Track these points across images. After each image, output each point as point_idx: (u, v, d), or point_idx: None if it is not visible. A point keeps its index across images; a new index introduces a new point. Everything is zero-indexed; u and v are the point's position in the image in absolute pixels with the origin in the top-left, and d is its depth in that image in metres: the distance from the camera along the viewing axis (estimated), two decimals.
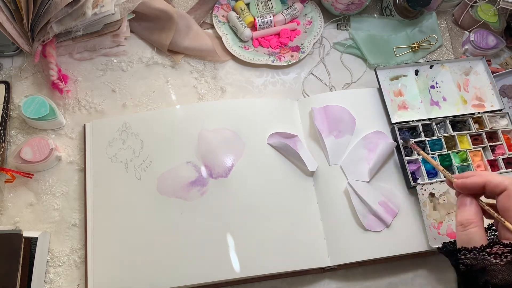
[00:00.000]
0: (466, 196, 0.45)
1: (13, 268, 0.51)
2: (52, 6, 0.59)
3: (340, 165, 0.62)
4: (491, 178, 0.44)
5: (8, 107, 0.65)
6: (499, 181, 0.43)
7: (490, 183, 0.43)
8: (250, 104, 0.65)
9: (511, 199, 0.42)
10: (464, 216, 0.44)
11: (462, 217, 0.44)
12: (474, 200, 0.45)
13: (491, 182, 0.43)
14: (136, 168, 0.61)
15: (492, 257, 0.41)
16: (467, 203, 0.45)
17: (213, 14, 0.76)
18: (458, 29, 0.80)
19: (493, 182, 0.43)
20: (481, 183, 0.44)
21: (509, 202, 0.42)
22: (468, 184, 0.45)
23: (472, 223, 0.43)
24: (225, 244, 0.56)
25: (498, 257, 0.41)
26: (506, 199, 0.42)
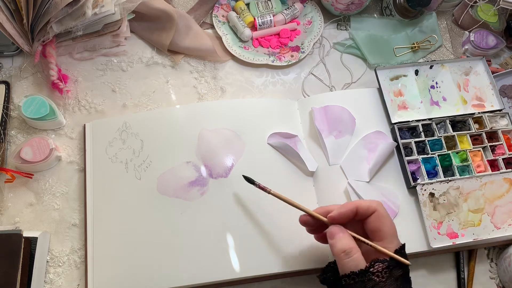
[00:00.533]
0: (335, 227, 0.47)
1: (13, 268, 0.52)
2: (52, 6, 0.59)
3: (340, 165, 0.62)
4: (360, 203, 0.47)
5: (8, 107, 0.65)
6: (368, 204, 0.47)
7: (361, 206, 0.47)
8: (250, 104, 0.65)
9: (380, 220, 0.46)
10: (345, 244, 0.46)
11: (343, 245, 0.46)
12: (344, 228, 0.47)
13: (361, 205, 0.47)
14: (136, 168, 0.61)
15: (375, 276, 0.44)
16: (339, 231, 0.47)
17: (213, 14, 0.76)
18: (458, 29, 0.80)
19: (363, 206, 0.47)
20: (354, 209, 0.47)
21: (379, 222, 0.46)
22: (343, 213, 0.47)
23: (353, 249, 0.45)
24: (225, 244, 0.56)
25: (380, 275, 0.44)
26: (376, 219, 0.47)
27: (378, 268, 0.44)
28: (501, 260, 0.61)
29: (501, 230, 0.59)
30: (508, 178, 0.61)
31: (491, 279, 0.62)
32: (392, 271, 0.44)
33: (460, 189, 0.60)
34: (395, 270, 0.45)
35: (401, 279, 0.45)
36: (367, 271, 0.44)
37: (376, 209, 0.47)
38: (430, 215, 0.59)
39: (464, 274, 0.61)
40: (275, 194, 0.52)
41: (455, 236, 0.58)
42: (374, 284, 0.43)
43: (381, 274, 0.44)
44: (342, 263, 0.45)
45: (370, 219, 0.47)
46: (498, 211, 0.60)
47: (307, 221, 0.50)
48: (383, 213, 0.47)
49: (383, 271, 0.44)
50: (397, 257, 0.45)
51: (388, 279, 0.44)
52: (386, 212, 0.48)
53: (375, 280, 0.44)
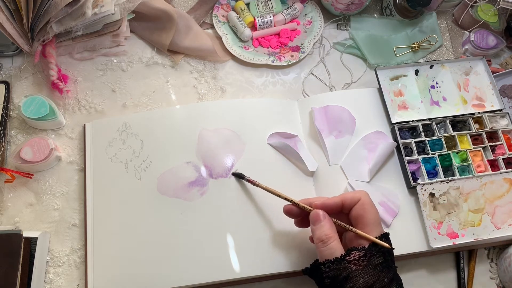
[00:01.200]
0: (318, 211, 0.48)
1: (13, 268, 0.51)
2: (52, 6, 0.59)
3: (340, 165, 0.62)
4: (345, 195, 0.49)
5: (8, 107, 0.65)
6: (352, 195, 0.48)
7: (346, 198, 0.48)
8: (250, 104, 0.65)
9: (364, 207, 0.47)
10: (323, 232, 0.47)
11: (321, 233, 0.47)
12: (326, 214, 0.48)
13: (346, 197, 0.48)
14: (136, 168, 0.61)
15: (351, 264, 0.44)
16: (321, 218, 0.48)
17: (213, 14, 0.76)
18: (458, 29, 0.80)
19: (348, 196, 0.48)
20: (339, 201, 0.48)
21: (362, 209, 0.47)
22: (328, 204, 0.48)
23: (331, 237, 0.46)
24: (225, 244, 0.56)
25: (356, 263, 0.44)
26: (360, 207, 0.47)
27: (354, 256, 0.44)
28: (501, 260, 0.61)
29: (501, 230, 0.59)
30: (508, 178, 0.61)
31: (491, 279, 0.62)
32: (371, 259, 0.45)
33: (460, 189, 0.60)
34: (374, 258, 0.45)
35: (380, 267, 0.45)
36: (343, 259, 0.44)
37: (360, 197, 0.48)
38: (430, 215, 0.59)
39: (464, 274, 0.61)
40: (263, 187, 0.54)
41: (455, 236, 0.58)
42: (350, 271, 0.44)
43: (358, 262, 0.44)
44: (318, 251, 0.47)
45: (355, 207, 0.48)
46: (498, 211, 0.60)
47: (290, 210, 0.51)
48: (367, 201, 0.48)
49: (360, 259, 0.44)
50: (376, 240, 0.46)
51: (365, 267, 0.44)
52: (370, 201, 0.48)
53: (351, 268, 0.44)
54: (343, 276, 0.44)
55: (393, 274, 0.46)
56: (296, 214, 0.51)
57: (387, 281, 0.44)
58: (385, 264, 0.45)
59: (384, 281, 0.44)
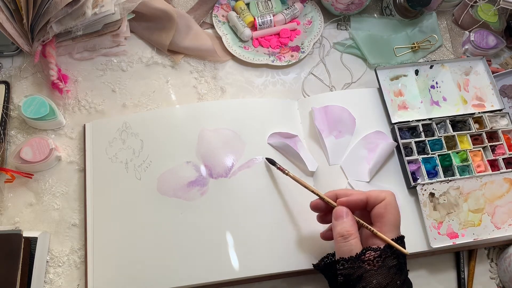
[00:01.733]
0: (342, 208, 0.48)
1: (13, 268, 0.51)
2: (52, 6, 0.59)
3: (340, 165, 0.62)
4: (371, 193, 0.48)
5: (8, 107, 0.65)
6: (377, 194, 0.48)
7: (371, 196, 0.48)
8: (250, 104, 0.65)
9: (387, 207, 0.47)
10: (344, 228, 0.47)
11: (342, 229, 0.47)
12: (350, 212, 0.48)
13: (371, 195, 0.48)
14: (136, 168, 0.61)
15: (366, 263, 0.44)
16: (343, 215, 0.48)
17: (213, 14, 0.76)
18: (458, 29, 0.80)
19: (374, 194, 0.48)
20: (364, 198, 0.48)
21: (385, 209, 0.47)
22: (352, 201, 0.48)
23: (352, 234, 0.46)
24: (225, 244, 0.56)
25: (371, 263, 0.44)
26: (383, 206, 0.47)
27: (369, 256, 0.44)
28: (501, 260, 0.61)
29: (501, 230, 0.59)
30: (508, 178, 0.61)
31: (491, 279, 0.62)
32: (385, 260, 0.44)
33: (460, 189, 0.60)
34: (389, 260, 0.44)
35: (394, 269, 0.44)
36: (358, 259, 0.44)
37: (385, 197, 0.47)
38: (430, 215, 0.59)
39: (464, 274, 0.61)
40: (293, 176, 0.54)
41: (455, 236, 0.58)
42: (364, 271, 0.44)
43: (373, 262, 0.44)
44: (337, 246, 0.46)
45: (378, 206, 0.47)
46: (498, 211, 0.60)
47: (317, 205, 0.51)
48: (391, 202, 0.47)
49: (375, 259, 0.44)
50: (392, 243, 0.45)
51: (380, 268, 0.44)
52: (395, 203, 0.48)
53: (365, 268, 0.44)
54: (357, 275, 0.44)
55: (405, 278, 0.46)
56: (322, 209, 0.51)
57: (400, 283, 0.44)
58: (399, 266, 0.45)
59: (397, 284, 0.44)
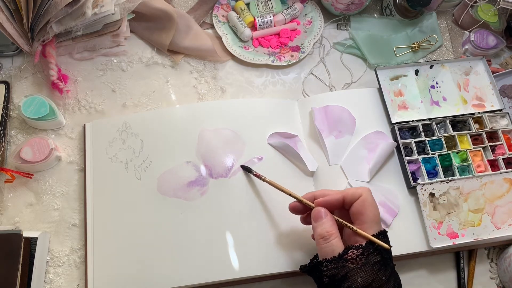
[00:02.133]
0: (319, 209, 0.48)
1: (13, 268, 0.51)
2: (52, 6, 0.59)
3: (340, 165, 0.62)
4: (347, 191, 0.48)
5: (8, 107, 0.65)
6: (353, 191, 0.48)
7: (347, 194, 0.48)
8: (250, 104, 0.65)
9: (364, 204, 0.47)
10: (324, 229, 0.47)
11: (322, 230, 0.47)
12: (328, 212, 0.48)
13: (347, 193, 0.48)
14: (136, 168, 0.61)
15: (349, 263, 0.44)
16: (322, 215, 0.48)
17: (213, 14, 0.76)
18: (458, 29, 0.80)
19: (349, 193, 0.48)
20: (341, 197, 0.48)
21: (363, 206, 0.47)
22: (330, 200, 0.48)
23: (333, 234, 0.46)
24: (225, 244, 0.56)
25: (354, 261, 0.44)
26: (361, 204, 0.47)
27: (352, 255, 0.44)
28: (501, 260, 0.61)
29: (501, 230, 0.59)
30: (508, 178, 0.61)
31: (491, 279, 0.62)
32: (368, 257, 0.44)
33: (460, 189, 0.60)
34: (372, 256, 0.44)
35: (378, 265, 0.44)
36: (340, 258, 0.44)
37: (361, 193, 0.48)
38: (430, 215, 0.59)
39: (464, 274, 0.61)
40: (269, 181, 0.54)
41: (455, 236, 0.58)
42: (348, 270, 0.44)
43: (356, 260, 0.44)
44: (319, 248, 0.47)
45: (356, 204, 0.48)
46: (498, 211, 0.60)
47: (296, 207, 0.51)
48: (368, 199, 0.48)
49: (358, 257, 0.44)
50: (374, 239, 0.45)
51: (363, 265, 0.44)
52: (371, 198, 0.48)
53: (349, 267, 0.44)
54: (341, 274, 0.44)
55: (391, 272, 0.46)
56: (301, 210, 0.51)
57: (385, 279, 0.44)
58: (383, 262, 0.45)
59: (382, 280, 0.44)
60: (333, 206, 0.49)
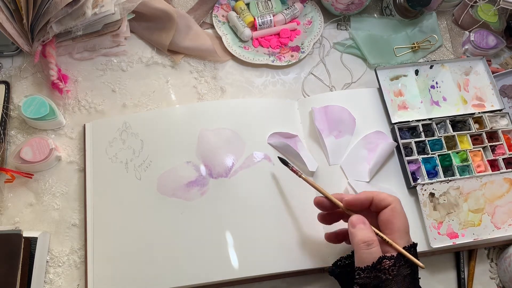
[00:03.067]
0: (359, 216, 0.47)
1: (13, 268, 0.51)
2: (52, 6, 0.59)
3: (340, 165, 0.62)
4: (377, 193, 0.48)
5: (8, 107, 0.65)
6: (384, 197, 0.47)
7: (377, 198, 0.47)
8: (250, 104, 0.65)
9: (394, 213, 0.46)
10: (367, 235, 0.45)
11: (365, 236, 0.45)
12: (367, 220, 0.47)
13: (377, 197, 0.47)
14: (136, 168, 0.61)
15: (381, 273, 0.43)
16: (363, 222, 0.47)
17: (213, 14, 0.76)
18: (458, 29, 0.80)
19: (379, 197, 0.47)
20: (370, 198, 0.48)
21: (392, 215, 0.46)
22: (359, 199, 0.48)
23: (375, 242, 0.45)
24: (225, 244, 0.56)
25: (386, 272, 0.43)
26: (390, 213, 0.46)
27: (385, 265, 0.43)
28: (501, 260, 0.61)
29: (501, 230, 0.59)
30: (508, 178, 0.61)
31: (491, 279, 0.62)
32: (400, 269, 0.44)
33: (460, 189, 0.60)
34: (403, 268, 0.44)
35: (409, 277, 0.44)
36: (374, 268, 0.43)
37: (391, 202, 0.47)
38: (430, 215, 0.59)
39: (464, 274, 0.61)
40: (305, 178, 0.54)
41: (455, 236, 0.58)
42: (381, 280, 0.43)
43: (388, 271, 0.43)
44: (359, 253, 0.45)
45: (384, 211, 0.47)
46: (498, 211, 0.60)
47: (321, 202, 0.51)
48: (398, 208, 0.47)
49: (390, 268, 0.43)
50: (408, 255, 0.44)
51: (395, 276, 0.43)
52: (401, 208, 0.47)
53: (381, 277, 0.43)
54: (374, 284, 0.43)
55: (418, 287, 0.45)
56: (326, 206, 0.51)
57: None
58: (413, 275, 0.44)
59: None
60: (361, 206, 0.48)
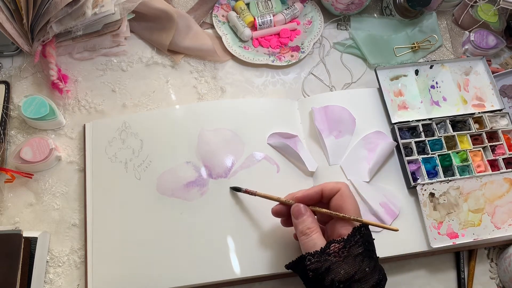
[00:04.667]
0: (298, 205, 0.49)
1: (13, 268, 0.51)
2: (52, 6, 0.59)
3: (340, 165, 0.62)
4: (325, 184, 0.49)
5: (8, 107, 0.65)
6: (332, 185, 0.49)
7: (326, 187, 0.49)
8: (250, 104, 0.65)
9: (343, 198, 0.48)
10: (305, 226, 0.47)
11: (303, 226, 0.48)
12: (307, 207, 0.49)
13: (326, 187, 0.49)
14: (136, 168, 0.61)
15: (331, 256, 0.45)
16: (302, 211, 0.49)
17: (213, 14, 0.76)
18: (458, 29, 0.80)
19: (329, 186, 0.49)
20: (319, 190, 0.48)
21: (342, 200, 0.48)
22: (309, 194, 0.49)
23: (313, 230, 0.47)
24: (225, 244, 0.56)
25: (337, 255, 0.45)
26: (339, 198, 0.48)
27: (334, 249, 0.45)
28: (501, 260, 0.61)
29: (501, 230, 0.59)
30: (508, 178, 0.61)
31: (491, 279, 0.62)
32: (351, 249, 0.45)
33: (460, 189, 0.60)
34: (354, 248, 0.45)
35: (360, 256, 0.45)
36: (323, 252, 0.45)
37: (339, 188, 0.48)
38: (430, 215, 0.59)
39: (464, 274, 0.61)
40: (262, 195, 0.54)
41: (455, 236, 0.58)
42: (331, 263, 0.44)
43: (338, 253, 0.44)
44: (301, 243, 0.47)
45: (334, 198, 0.48)
46: (498, 211, 0.60)
47: (278, 211, 0.52)
48: (347, 193, 0.48)
49: (340, 250, 0.45)
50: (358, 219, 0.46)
51: (345, 258, 0.44)
52: (350, 193, 0.49)
53: (331, 260, 0.44)
54: (324, 267, 0.44)
55: (375, 264, 0.46)
56: (284, 213, 0.52)
57: (369, 270, 0.44)
58: (366, 254, 0.45)
59: (366, 271, 0.44)
60: (312, 200, 0.50)
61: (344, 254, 0.44)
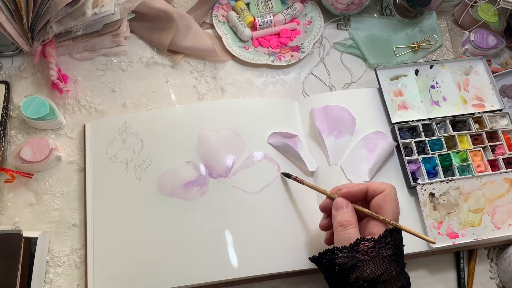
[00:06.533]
0: (341, 199, 0.49)
1: (13, 268, 0.51)
2: (52, 6, 0.59)
3: (340, 165, 0.62)
4: (371, 183, 0.49)
5: (8, 107, 0.65)
6: (378, 185, 0.49)
7: (371, 187, 0.49)
8: (250, 104, 0.65)
9: (385, 199, 0.48)
10: (344, 218, 0.48)
11: (342, 218, 0.48)
12: (350, 203, 0.49)
13: (371, 187, 0.49)
14: (136, 168, 0.61)
15: (360, 254, 0.45)
16: (344, 205, 0.49)
17: (213, 14, 0.76)
18: (458, 29, 0.80)
19: (372, 187, 0.49)
20: (364, 188, 0.49)
21: (383, 201, 0.48)
22: (353, 191, 0.49)
23: (351, 224, 0.47)
24: (225, 244, 0.56)
25: (365, 253, 0.45)
26: (382, 198, 0.48)
27: (363, 247, 0.45)
28: (501, 260, 0.61)
29: (501, 230, 0.59)
30: (508, 178, 0.61)
31: (491, 279, 0.62)
32: (380, 250, 0.45)
33: (460, 189, 0.60)
34: (383, 250, 0.45)
35: (388, 259, 0.44)
36: (352, 248, 0.45)
37: (385, 189, 0.48)
38: (430, 215, 0.59)
39: (464, 274, 0.61)
40: (309, 184, 0.55)
41: (455, 236, 0.58)
42: (358, 261, 0.44)
43: (367, 252, 0.44)
44: (336, 235, 0.47)
45: (377, 197, 0.48)
46: (498, 211, 0.60)
47: (326, 206, 0.52)
48: (391, 195, 0.48)
49: (369, 249, 0.44)
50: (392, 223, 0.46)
51: (373, 257, 0.44)
52: (394, 195, 0.48)
53: (359, 258, 0.44)
54: (351, 264, 0.44)
55: (401, 269, 0.46)
56: (329, 208, 0.51)
57: (395, 274, 0.44)
58: (394, 257, 0.45)
59: (392, 274, 0.44)
60: (355, 197, 0.49)
61: (373, 254, 0.44)
